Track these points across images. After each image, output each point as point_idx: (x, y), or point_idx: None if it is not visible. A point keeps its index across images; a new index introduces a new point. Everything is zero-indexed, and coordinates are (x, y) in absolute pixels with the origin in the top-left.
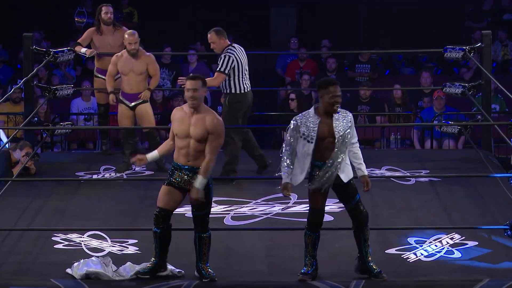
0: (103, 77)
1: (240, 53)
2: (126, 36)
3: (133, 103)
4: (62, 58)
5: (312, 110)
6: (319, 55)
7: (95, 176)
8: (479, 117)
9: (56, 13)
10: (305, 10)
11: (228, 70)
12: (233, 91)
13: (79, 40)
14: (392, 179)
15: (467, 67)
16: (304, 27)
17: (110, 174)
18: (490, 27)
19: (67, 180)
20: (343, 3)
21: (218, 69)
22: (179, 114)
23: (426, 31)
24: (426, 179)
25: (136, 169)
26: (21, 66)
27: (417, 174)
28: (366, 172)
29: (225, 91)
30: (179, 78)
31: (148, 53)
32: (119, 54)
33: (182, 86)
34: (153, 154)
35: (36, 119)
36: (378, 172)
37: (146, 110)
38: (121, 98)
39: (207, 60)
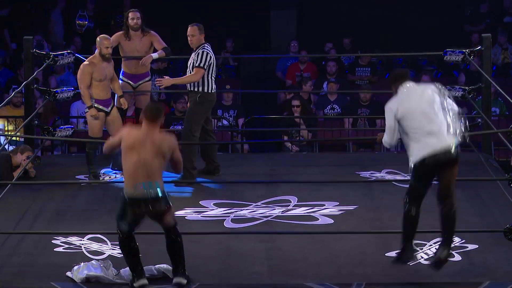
0: (130, 81)
1: (212, 52)
2: (99, 39)
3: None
4: (62, 62)
5: None
6: (320, 58)
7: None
8: (479, 120)
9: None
10: (305, 13)
11: (207, 66)
12: (205, 89)
13: None
14: (392, 182)
15: (462, 70)
16: (304, 30)
17: (110, 177)
18: (489, 30)
19: (67, 183)
20: (343, 7)
21: (197, 64)
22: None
23: (425, 34)
24: None
25: None
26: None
27: None
28: None
29: (194, 89)
30: (157, 79)
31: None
32: (88, 63)
33: (159, 86)
34: None
35: (36, 121)
36: (378, 175)
37: (117, 112)
38: (97, 105)
39: None
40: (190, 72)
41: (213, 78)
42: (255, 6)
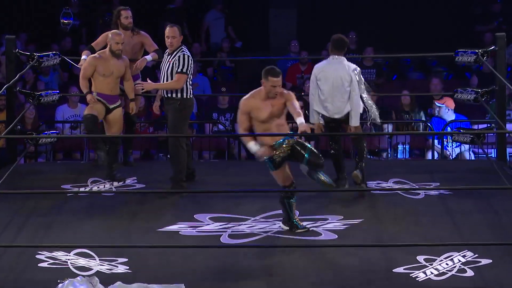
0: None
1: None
2: (110, 35)
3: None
4: (47, 63)
5: None
6: (322, 58)
7: (82, 189)
8: (493, 125)
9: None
10: (306, 11)
11: (189, 71)
12: (184, 95)
13: (92, 44)
14: (399, 192)
15: (475, 71)
16: (305, 29)
17: (98, 187)
18: (501, 29)
19: (52, 193)
20: (346, 4)
21: (179, 70)
22: (254, 103)
23: (435, 33)
24: (436, 192)
25: (127, 181)
26: None
27: (427, 186)
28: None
29: (173, 95)
30: (138, 82)
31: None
32: (97, 55)
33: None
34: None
35: (19, 126)
36: (384, 184)
37: (120, 115)
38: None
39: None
40: (167, 77)
41: (190, 82)
42: (252, 4)
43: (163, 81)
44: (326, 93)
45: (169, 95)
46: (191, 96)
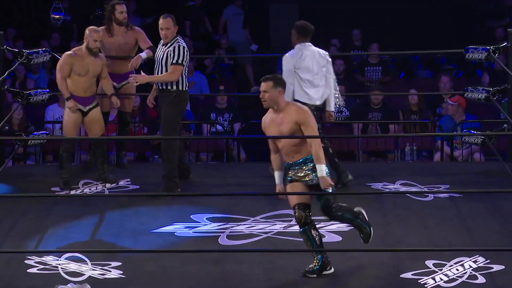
0: (113, 82)
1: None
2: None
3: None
4: (37, 60)
5: None
6: None
7: (73, 192)
8: (505, 125)
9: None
10: (308, 6)
11: (185, 62)
12: (180, 87)
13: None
14: (407, 195)
15: (486, 69)
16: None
17: (90, 189)
18: None
19: (42, 196)
20: None
21: (175, 61)
22: (268, 120)
23: (444, 28)
24: (446, 195)
25: (121, 183)
26: None
27: (436, 189)
28: None
29: (168, 87)
30: (131, 75)
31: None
32: (72, 53)
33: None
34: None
35: (7, 127)
36: (392, 187)
37: (99, 115)
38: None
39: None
40: (161, 68)
41: (186, 74)
42: (252, 0)
43: (157, 73)
44: (308, 81)
45: (164, 87)
46: (186, 89)
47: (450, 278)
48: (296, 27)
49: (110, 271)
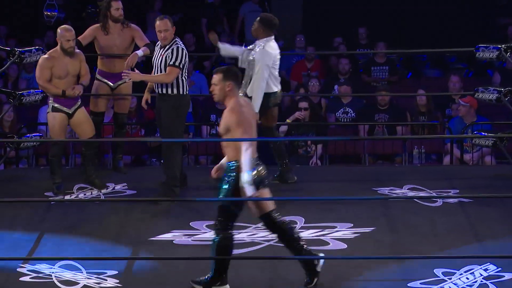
0: (108, 82)
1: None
2: (59, 31)
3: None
4: (30, 59)
5: None
6: (330, 54)
7: (67, 197)
8: None
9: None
10: (312, 2)
11: (183, 65)
12: (180, 91)
13: (79, 38)
14: (415, 200)
15: (497, 68)
16: (311, 22)
17: (85, 194)
18: None
19: (35, 201)
20: None
21: (172, 62)
22: None
23: (454, 26)
24: (455, 200)
25: (116, 188)
26: None
27: (445, 194)
28: None
29: (168, 91)
30: (124, 71)
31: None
32: (47, 56)
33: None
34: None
35: None
36: (399, 191)
37: (86, 115)
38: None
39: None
40: (160, 70)
41: (186, 78)
42: None
43: None
44: (277, 73)
45: (164, 91)
46: (187, 93)
47: (460, 287)
48: (263, 21)
49: (106, 280)
